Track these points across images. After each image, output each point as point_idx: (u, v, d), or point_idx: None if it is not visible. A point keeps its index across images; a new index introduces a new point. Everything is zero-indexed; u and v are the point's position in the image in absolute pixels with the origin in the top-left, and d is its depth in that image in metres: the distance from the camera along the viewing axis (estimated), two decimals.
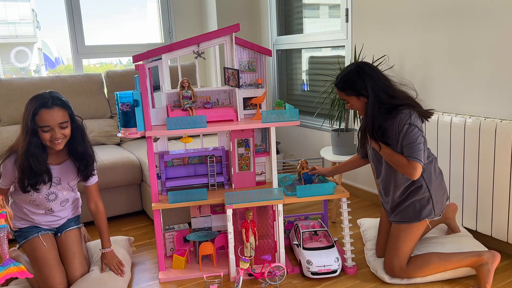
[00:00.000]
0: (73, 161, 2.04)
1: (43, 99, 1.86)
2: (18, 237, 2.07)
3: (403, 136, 1.94)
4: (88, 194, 2.17)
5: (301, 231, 2.28)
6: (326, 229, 2.34)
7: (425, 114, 2.03)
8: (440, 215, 2.11)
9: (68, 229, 2.14)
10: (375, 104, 1.97)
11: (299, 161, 2.42)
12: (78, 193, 2.23)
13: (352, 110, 2.83)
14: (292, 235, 2.44)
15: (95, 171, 2.13)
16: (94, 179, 2.15)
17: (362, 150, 2.28)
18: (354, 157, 2.41)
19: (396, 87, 2.04)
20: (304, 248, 2.19)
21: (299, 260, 2.21)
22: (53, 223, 2.12)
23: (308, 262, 2.12)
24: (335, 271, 2.13)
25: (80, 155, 2.01)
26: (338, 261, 2.13)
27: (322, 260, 2.12)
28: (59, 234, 2.13)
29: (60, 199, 2.07)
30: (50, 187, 2.00)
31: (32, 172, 1.88)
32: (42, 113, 1.83)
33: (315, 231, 2.33)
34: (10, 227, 1.70)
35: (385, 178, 2.12)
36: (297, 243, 2.28)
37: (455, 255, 2.02)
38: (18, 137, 1.92)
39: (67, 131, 1.92)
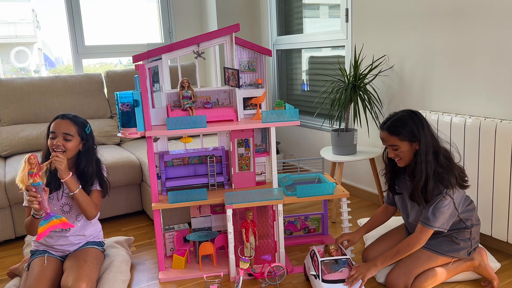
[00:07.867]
0: (77, 177, 2.07)
1: (64, 113, 2.07)
2: (31, 258, 2.08)
3: (433, 203, 1.86)
4: None
5: (319, 259, 1.97)
6: (348, 257, 2.02)
7: (462, 184, 1.92)
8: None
9: (86, 247, 2.12)
10: (429, 154, 1.86)
11: (329, 249, 2.07)
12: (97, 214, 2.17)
13: (352, 111, 2.82)
14: (308, 262, 2.11)
15: (98, 187, 2.11)
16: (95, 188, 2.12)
17: (389, 197, 2.17)
18: (381, 209, 2.23)
19: (441, 145, 1.94)
20: (324, 281, 1.90)
21: None
22: (66, 247, 2.08)
23: None
24: None
25: (80, 171, 2.05)
26: None
27: None
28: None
29: (75, 212, 2.07)
30: (61, 197, 2.03)
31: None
32: (55, 121, 2.03)
33: (336, 260, 2.01)
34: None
35: (416, 219, 1.99)
36: (314, 273, 1.96)
37: (451, 264, 2.00)
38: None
39: (69, 145, 1.98)
